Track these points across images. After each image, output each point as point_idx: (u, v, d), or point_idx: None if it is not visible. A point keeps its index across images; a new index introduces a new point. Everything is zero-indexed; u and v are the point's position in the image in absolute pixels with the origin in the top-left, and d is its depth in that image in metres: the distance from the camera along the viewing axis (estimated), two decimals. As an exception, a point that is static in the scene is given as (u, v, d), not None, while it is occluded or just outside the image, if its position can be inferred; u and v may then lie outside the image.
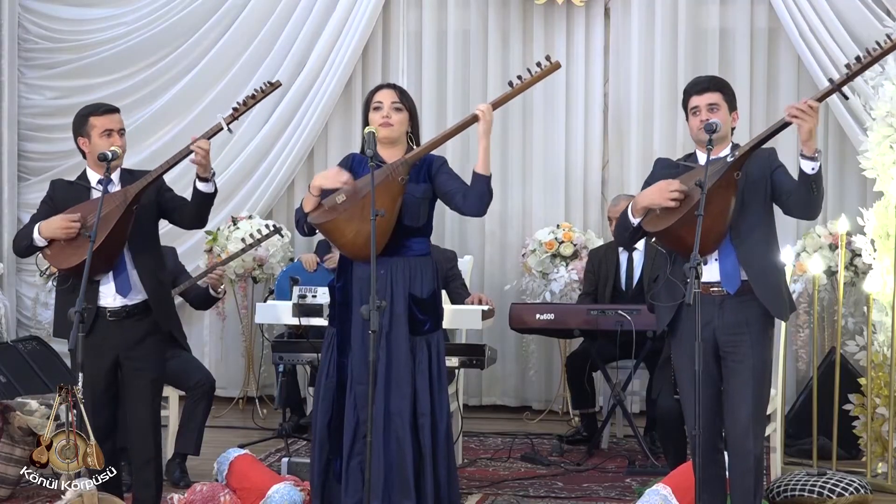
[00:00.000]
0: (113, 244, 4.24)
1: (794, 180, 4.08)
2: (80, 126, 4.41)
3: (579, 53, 7.48)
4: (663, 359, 5.35)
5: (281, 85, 4.64)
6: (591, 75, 7.50)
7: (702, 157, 4.14)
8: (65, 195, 4.41)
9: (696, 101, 4.20)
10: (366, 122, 4.45)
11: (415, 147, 4.44)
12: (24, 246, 4.38)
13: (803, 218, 4.22)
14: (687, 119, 4.26)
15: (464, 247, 7.39)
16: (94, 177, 4.39)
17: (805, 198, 4.03)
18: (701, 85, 4.25)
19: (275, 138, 7.66)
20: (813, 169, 3.95)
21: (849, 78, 3.97)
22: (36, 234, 4.29)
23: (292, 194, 7.79)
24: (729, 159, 4.03)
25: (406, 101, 4.46)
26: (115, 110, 4.43)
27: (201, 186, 4.33)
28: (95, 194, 4.31)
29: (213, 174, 4.34)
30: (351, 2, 7.50)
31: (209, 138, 4.35)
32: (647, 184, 4.30)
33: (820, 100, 3.99)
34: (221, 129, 4.39)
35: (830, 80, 4.05)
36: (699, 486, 4.04)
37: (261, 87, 4.48)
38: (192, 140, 4.27)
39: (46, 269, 6.47)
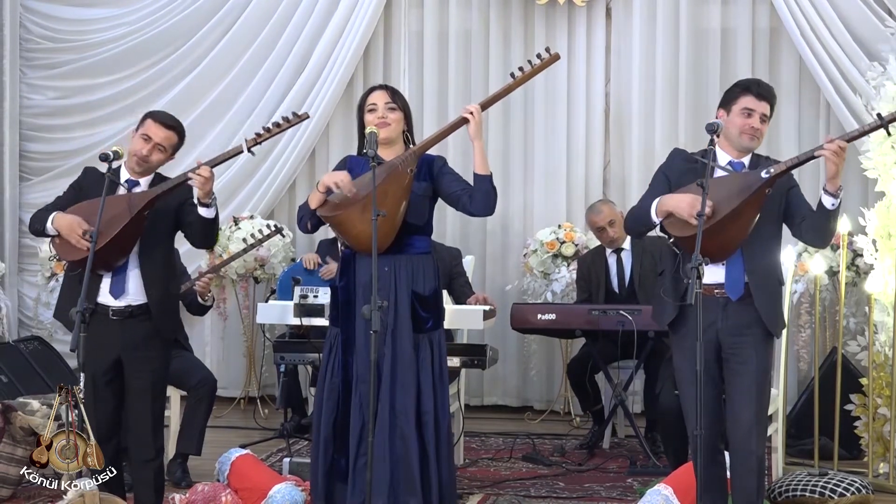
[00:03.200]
0: (115, 248, 4.22)
1: (807, 205, 4.08)
2: (140, 121, 4.42)
3: (580, 53, 7.48)
4: (667, 356, 5.34)
5: (308, 117, 4.61)
6: (593, 75, 7.50)
7: (722, 156, 4.11)
8: (93, 185, 4.38)
9: (753, 104, 4.08)
10: (361, 125, 4.47)
11: (412, 146, 4.47)
12: (37, 228, 4.39)
13: (813, 245, 4.21)
14: (728, 113, 4.10)
15: (465, 247, 7.38)
16: (124, 174, 4.39)
17: (820, 227, 4.04)
18: (764, 90, 4.12)
19: (276, 138, 7.62)
20: (833, 205, 3.98)
21: None
22: (49, 223, 4.30)
23: (294, 194, 7.79)
24: (764, 174, 3.95)
25: (399, 101, 4.48)
26: (169, 126, 4.37)
27: (202, 211, 4.27)
28: (122, 191, 4.33)
29: (214, 198, 4.27)
30: (352, 2, 7.51)
31: (228, 160, 4.37)
32: (662, 172, 4.22)
33: (855, 138, 4.03)
34: (241, 151, 4.36)
35: (879, 116, 4.00)
36: (700, 486, 4.03)
37: (287, 117, 4.41)
38: (197, 164, 4.22)
39: (55, 255, 6.49)
